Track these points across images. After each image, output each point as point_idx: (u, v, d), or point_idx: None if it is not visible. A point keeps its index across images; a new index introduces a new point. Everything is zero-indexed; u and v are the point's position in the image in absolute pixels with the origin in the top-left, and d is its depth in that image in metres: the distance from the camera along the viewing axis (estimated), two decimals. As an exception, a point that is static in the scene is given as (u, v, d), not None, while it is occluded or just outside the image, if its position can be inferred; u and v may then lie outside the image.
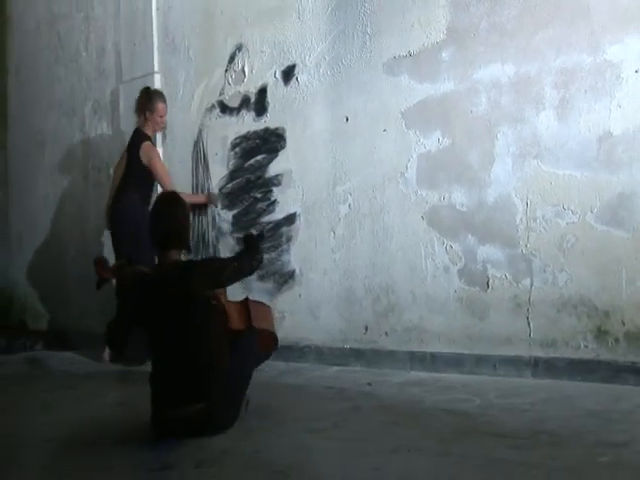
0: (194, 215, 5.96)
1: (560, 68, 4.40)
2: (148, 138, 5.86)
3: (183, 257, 3.74)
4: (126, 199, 5.79)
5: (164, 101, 5.94)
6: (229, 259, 3.92)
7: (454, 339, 4.75)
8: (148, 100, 5.85)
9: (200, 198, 6.02)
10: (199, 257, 5.88)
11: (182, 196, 5.71)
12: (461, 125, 4.74)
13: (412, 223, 4.94)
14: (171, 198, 3.85)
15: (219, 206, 5.96)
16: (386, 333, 5.07)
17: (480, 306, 4.64)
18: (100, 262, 4.02)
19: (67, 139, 7.30)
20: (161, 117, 5.90)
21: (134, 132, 5.94)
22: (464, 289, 4.72)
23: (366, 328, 5.16)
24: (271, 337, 4.05)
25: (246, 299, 4.02)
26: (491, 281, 4.60)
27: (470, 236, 4.70)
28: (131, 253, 5.59)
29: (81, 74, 7.22)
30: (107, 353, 5.71)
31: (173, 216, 3.67)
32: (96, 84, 7.06)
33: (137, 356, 5.35)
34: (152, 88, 6.07)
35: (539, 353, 4.40)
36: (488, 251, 4.62)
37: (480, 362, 4.58)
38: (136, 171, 5.80)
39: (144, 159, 5.75)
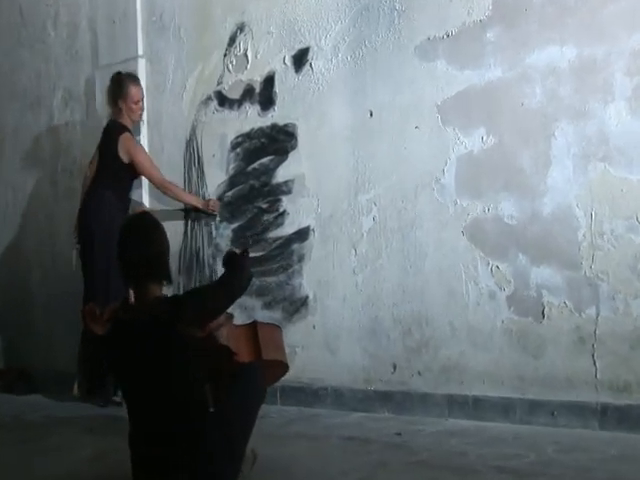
0: (186, 221, 6.00)
1: (634, 50, 4.40)
2: (126, 129, 5.95)
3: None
4: (98, 201, 5.89)
5: (137, 84, 6.05)
6: (217, 284, 3.82)
7: (502, 380, 4.74)
8: (118, 87, 5.96)
9: (197, 200, 6.05)
10: (192, 279, 5.92)
11: (176, 191, 6.02)
12: (510, 120, 4.75)
13: (450, 239, 4.94)
14: (139, 220, 3.78)
15: (217, 218, 5.99)
16: (419, 373, 5.06)
17: (534, 340, 4.63)
18: (90, 312, 3.67)
19: (32, 136, 7.31)
20: (136, 103, 6.01)
21: (108, 124, 6.05)
22: (514, 320, 4.71)
23: (394, 366, 5.16)
24: (281, 366, 4.11)
25: (254, 323, 4.07)
26: (547, 310, 4.59)
27: (521, 255, 4.69)
28: (102, 269, 5.75)
29: (49, 57, 7.22)
30: (76, 387, 5.82)
31: (145, 243, 3.56)
32: (67, 70, 7.07)
33: (108, 392, 5.58)
34: (123, 72, 6.13)
35: (608, 399, 4.38)
36: (544, 273, 4.61)
37: (535, 409, 4.57)
38: (111, 169, 5.91)
39: (123, 154, 5.86)
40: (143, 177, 6.09)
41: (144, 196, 6.27)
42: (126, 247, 3.57)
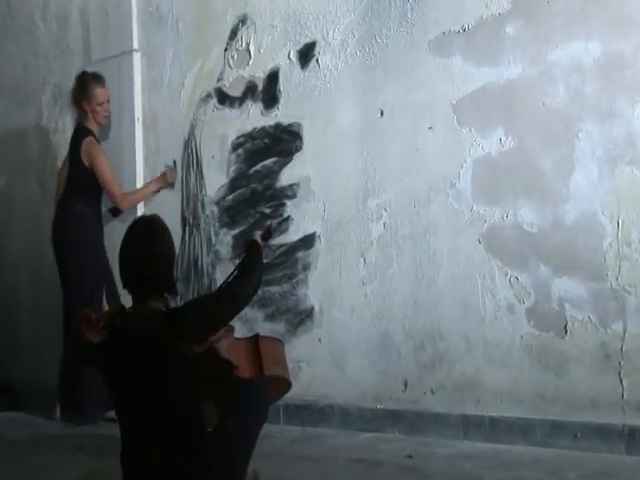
0: (184, 226, 6.04)
1: (664, 46, 4.40)
2: (90, 134, 6.06)
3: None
4: (67, 214, 6.01)
5: (102, 84, 6.13)
6: (220, 293, 3.73)
7: (521, 399, 4.71)
8: (81, 88, 6.07)
9: (155, 184, 6.19)
10: (190, 289, 5.91)
11: (135, 198, 6.14)
12: (531, 121, 4.73)
13: (466, 248, 4.93)
14: (146, 226, 3.70)
15: (209, 210, 6.00)
16: (432, 391, 5.04)
17: (556, 357, 4.61)
18: (86, 319, 3.58)
19: (19, 135, 7.34)
20: (100, 105, 6.10)
21: (75, 129, 6.18)
22: (534, 334, 4.68)
23: (406, 384, 5.14)
24: (283, 382, 4.11)
25: (256, 337, 4.06)
26: (570, 324, 4.56)
27: (542, 265, 4.67)
28: (73, 281, 5.90)
29: (37, 51, 7.25)
30: (59, 410, 5.91)
31: (152, 251, 3.53)
32: (57, 64, 7.10)
33: (91, 412, 5.66)
34: (87, 72, 6.22)
35: (636, 421, 4.35)
36: (566, 285, 4.59)
37: (556, 430, 4.54)
38: (78, 176, 6.03)
39: (85, 159, 5.99)
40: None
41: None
42: (126, 252, 3.56)
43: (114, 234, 6.00)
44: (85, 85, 6.08)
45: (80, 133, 6.09)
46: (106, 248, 6.01)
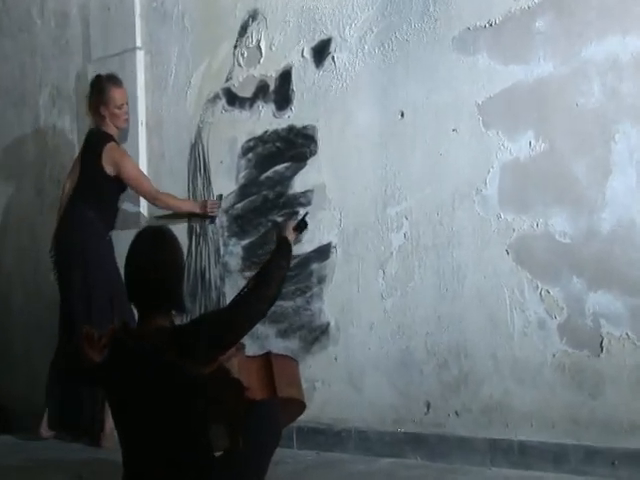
0: (190, 235, 6.05)
1: None
2: (112, 139, 6.04)
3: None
4: (77, 222, 5.97)
5: (119, 86, 6.13)
6: (232, 309, 3.68)
7: (553, 423, 4.68)
8: (98, 92, 6.07)
9: (194, 205, 6.10)
10: (197, 304, 5.91)
11: (169, 202, 6.09)
12: (563, 123, 4.71)
13: (493, 259, 4.91)
14: (155, 236, 3.71)
15: (218, 220, 6.01)
16: (456, 413, 5.02)
17: (591, 377, 4.57)
18: (88, 337, 3.59)
19: (15, 139, 7.38)
20: (119, 107, 6.10)
21: (89, 133, 6.17)
22: (567, 353, 4.65)
23: (428, 405, 5.12)
24: (297, 404, 4.13)
25: (268, 355, 4.09)
26: (606, 342, 4.53)
27: (575, 278, 4.64)
28: (79, 298, 5.88)
29: (35, 49, 7.30)
30: (45, 426, 5.94)
31: (158, 264, 3.53)
32: (55, 63, 7.14)
33: (80, 420, 5.71)
34: (101, 75, 6.20)
35: (679, 446, 4.34)
36: (602, 300, 4.55)
37: (591, 457, 4.50)
38: (94, 184, 6.00)
39: (109, 166, 5.95)
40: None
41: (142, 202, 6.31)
42: (137, 268, 3.57)
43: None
44: (101, 88, 6.08)
45: (99, 138, 6.05)
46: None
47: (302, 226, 4.17)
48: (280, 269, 3.73)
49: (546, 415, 4.70)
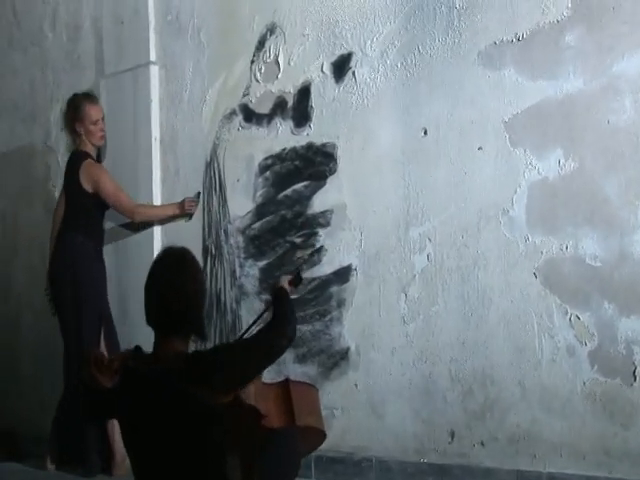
0: (205, 256, 6.07)
1: None
2: (88, 156, 6.16)
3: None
4: (67, 248, 6.09)
5: (95, 102, 6.29)
6: (253, 343, 3.74)
7: (584, 454, 4.63)
8: (73, 109, 6.23)
9: (173, 208, 6.24)
10: (212, 327, 5.91)
11: (148, 212, 6.26)
12: (594, 140, 4.68)
13: (520, 283, 4.88)
14: (177, 260, 3.69)
15: (233, 240, 6.02)
16: (482, 443, 4.99)
17: (623, 406, 4.53)
18: (97, 361, 3.58)
19: (24, 155, 7.41)
20: (95, 123, 6.23)
21: (69, 157, 6.28)
22: (598, 381, 4.61)
23: (453, 435, 5.09)
24: (316, 433, 4.12)
25: (287, 382, 4.09)
26: (639, 370, 4.49)
27: (607, 303, 4.60)
28: (71, 322, 6.01)
29: (46, 64, 7.34)
30: (50, 459, 5.96)
31: (181, 291, 3.53)
32: (67, 78, 7.17)
33: (92, 464, 5.72)
34: (78, 93, 6.39)
35: None
36: (634, 325, 4.52)
37: (625, 490, 4.50)
38: (78, 205, 6.12)
39: (87, 183, 6.08)
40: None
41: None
42: (153, 290, 3.57)
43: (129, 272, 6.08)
44: (77, 105, 6.24)
45: (76, 158, 6.20)
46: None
47: (297, 281, 4.19)
48: (291, 312, 3.85)
49: (576, 446, 4.66)
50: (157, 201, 6.36)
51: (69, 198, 6.19)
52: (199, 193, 6.17)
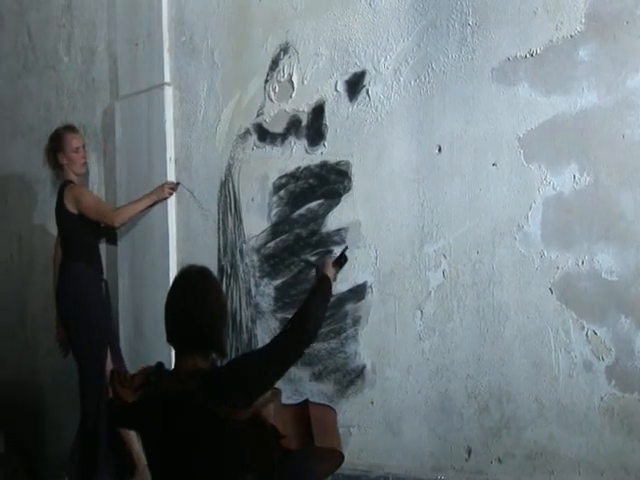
0: (221, 275, 6.06)
1: None
2: (70, 183, 6.28)
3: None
4: (69, 274, 6.18)
5: (74, 131, 6.45)
6: (268, 352, 3.74)
7: (601, 470, 4.60)
8: (54, 140, 6.39)
9: (149, 198, 6.33)
10: (227, 346, 5.84)
11: (120, 210, 6.33)
12: (608, 155, 4.67)
13: (536, 298, 4.86)
14: (199, 275, 3.77)
15: (248, 259, 6.02)
16: (499, 460, 4.96)
17: (641, 422, 4.53)
18: (119, 377, 3.73)
19: (39, 178, 7.39)
20: (76, 151, 6.37)
21: (58, 191, 6.35)
22: (616, 396, 4.59)
23: (469, 451, 5.07)
24: (335, 455, 4.14)
25: (306, 403, 4.12)
26: (657, 384, 4.50)
27: (624, 318, 4.59)
28: (78, 345, 6.12)
29: (61, 86, 7.36)
30: None
31: (202, 311, 3.59)
32: (82, 101, 7.20)
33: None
34: (59, 127, 6.54)
35: None
36: (652, 340, 4.53)
37: (645, 507, 4.46)
38: (72, 234, 6.25)
39: (71, 205, 6.18)
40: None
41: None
42: (174, 309, 3.63)
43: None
44: (58, 136, 6.38)
45: (60, 189, 6.31)
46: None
47: (342, 261, 4.20)
48: (319, 309, 3.86)
49: (594, 462, 4.63)
50: (172, 219, 6.35)
51: (60, 226, 6.31)
52: (179, 183, 6.29)
